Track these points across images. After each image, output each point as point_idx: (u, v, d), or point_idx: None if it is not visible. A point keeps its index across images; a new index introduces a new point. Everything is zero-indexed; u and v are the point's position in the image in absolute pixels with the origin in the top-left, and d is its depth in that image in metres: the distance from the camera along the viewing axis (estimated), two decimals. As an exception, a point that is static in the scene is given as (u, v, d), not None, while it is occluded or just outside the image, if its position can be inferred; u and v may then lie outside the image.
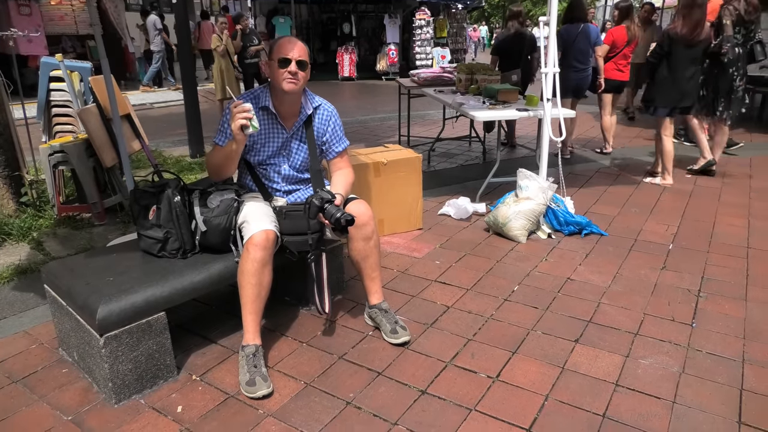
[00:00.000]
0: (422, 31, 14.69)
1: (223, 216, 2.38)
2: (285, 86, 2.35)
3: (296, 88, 2.37)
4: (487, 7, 37.32)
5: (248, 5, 15.15)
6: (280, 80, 2.34)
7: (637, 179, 5.07)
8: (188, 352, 2.44)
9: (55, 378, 2.27)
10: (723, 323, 2.64)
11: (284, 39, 2.40)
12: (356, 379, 2.24)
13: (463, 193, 4.38)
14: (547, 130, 3.86)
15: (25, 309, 2.83)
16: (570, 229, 3.72)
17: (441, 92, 5.25)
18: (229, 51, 7.48)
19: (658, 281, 3.07)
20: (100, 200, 3.96)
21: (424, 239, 3.70)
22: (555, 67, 3.78)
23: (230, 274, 2.34)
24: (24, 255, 3.47)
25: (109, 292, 2.08)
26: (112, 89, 3.48)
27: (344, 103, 10.67)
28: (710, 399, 2.11)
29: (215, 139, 2.45)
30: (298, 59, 2.34)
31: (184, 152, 6.20)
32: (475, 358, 2.38)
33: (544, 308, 2.79)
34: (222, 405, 2.10)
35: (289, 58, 2.33)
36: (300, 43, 2.39)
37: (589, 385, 2.20)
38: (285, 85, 2.34)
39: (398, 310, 2.77)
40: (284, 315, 2.73)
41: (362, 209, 2.45)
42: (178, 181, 2.50)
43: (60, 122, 4.30)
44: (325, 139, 2.58)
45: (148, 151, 4.50)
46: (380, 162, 3.58)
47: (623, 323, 2.65)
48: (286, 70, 2.33)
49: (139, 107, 9.63)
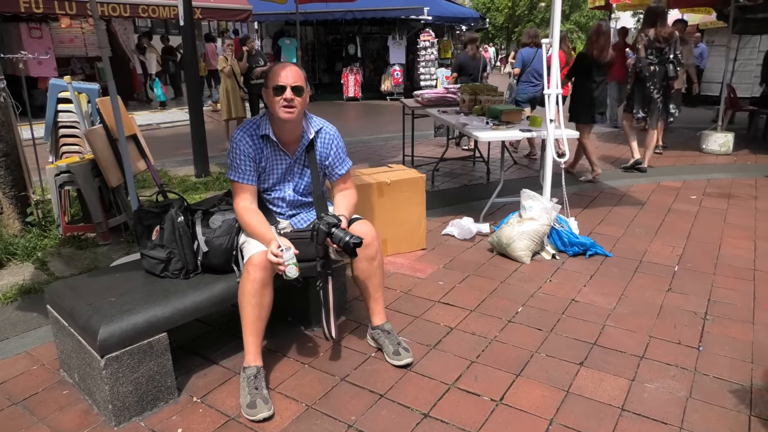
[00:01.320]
0: (427, 52, 14.84)
1: (224, 236, 2.38)
2: (282, 116, 2.31)
3: (293, 117, 2.33)
4: (491, 28, 37.79)
5: (255, 27, 15.39)
6: (277, 109, 2.32)
7: (642, 200, 5.06)
8: (189, 373, 2.42)
9: (55, 400, 2.25)
10: (730, 347, 2.60)
11: (278, 66, 2.36)
12: (358, 402, 2.22)
13: (467, 213, 4.38)
14: (550, 151, 3.87)
15: (28, 329, 2.83)
16: (574, 249, 3.70)
17: (445, 113, 5.28)
18: (235, 72, 7.58)
19: (663, 303, 3.04)
20: (105, 220, 3.98)
21: (428, 259, 3.69)
22: (558, 88, 3.81)
23: (232, 295, 2.34)
24: (28, 275, 3.48)
25: (110, 312, 2.08)
26: (118, 110, 3.52)
27: (349, 124, 10.75)
28: (718, 425, 2.07)
29: (228, 174, 2.42)
30: (293, 85, 2.30)
31: (189, 172, 6.25)
32: (478, 381, 2.35)
33: (549, 330, 2.76)
34: (223, 428, 2.08)
35: (284, 85, 2.29)
36: (295, 68, 2.35)
37: (594, 409, 2.16)
38: (282, 114, 2.31)
39: (401, 331, 2.75)
40: (286, 336, 2.71)
41: (366, 230, 2.45)
42: (182, 201, 2.52)
43: (67, 143, 4.34)
44: (328, 163, 2.57)
45: (154, 171, 4.53)
46: (384, 182, 3.59)
47: (629, 346, 2.61)
48: (282, 97, 2.29)
49: (145, 127, 9.74)
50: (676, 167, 6.48)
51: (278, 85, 2.30)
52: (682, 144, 7.84)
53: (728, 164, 6.63)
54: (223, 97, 7.60)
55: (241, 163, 2.38)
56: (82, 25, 12.09)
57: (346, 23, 15.15)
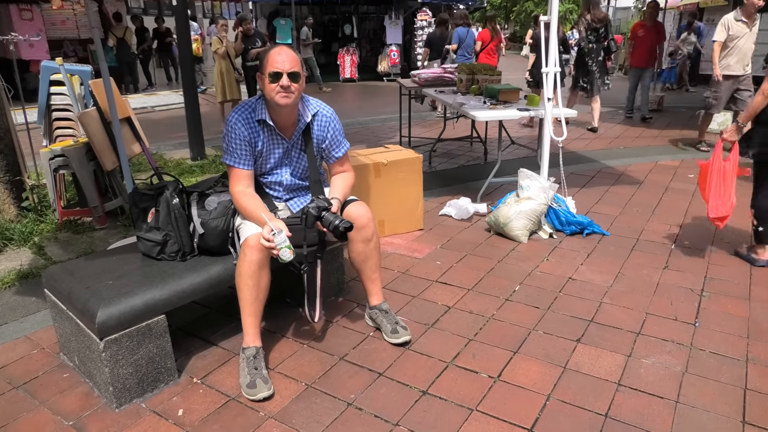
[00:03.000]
0: (424, 32, 14.67)
1: (220, 218, 2.37)
2: (279, 101, 2.27)
3: (291, 102, 2.29)
4: (489, 8, 37.31)
5: (249, 7, 15.16)
6: (274, 95, 2.27)
7: (640, 179, 5.05)
8: (189, 355, 2.43)
9: (56, 383, 2.27)
10: (726, 323, 2.62)
11: (274, 51, 2.29)
12: (357, 380, 2.23)
13: (464, 194, 4.37)
14: (548, 130, 3.84)
15: (27, 314, 2.83)
16: (571, 228, 3.70)
17: (442, 92, 5.24)
18: (230, 53, 7.48)
19: (660, 281, 3.05)
20: (101, 204, 3.96)
21: (425, 240, 3.69)
22: (556, 66, 3.77)
23: (229, 277, 2.34)
24: (25, 260, 3.48)
25: (108, 295, 2.08)
26: (111, 92, 3.49)
27: (345, 105, 10.67)
28: (714, 399, 2.09)
29: (224, 159, 2.39)
30: (289, 71, 2.25)
31: (185, 155, 6.21)
32: (476, 359, 2.36)
33: (546, 308, 2.78)
34: (223, 408, 2.10)
35: (281, 72, 2.25)
36: (291, 53, 2.29)
37: (591, 384, 2.18)
38: (279, 100, 2.27)
39: (399, 310, 2.76)
40: (285, 316, 2.72)
41: (362, 211, 2.44)
42: (177, 183, 2.50)
43: (60, 126, 4.30)
44: (325, 146, 2.53)
45: (149, 154, 4.50)
46: (381, 162, 3.57)
47: (625, 323, 2.63)
48: (278, 84, 2.25)
49: (139, 111, 9.65)
50: (674, 147, 6.46)
51: (274, 71, 2.25)
52: (681, 124, 7.82)
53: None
54: (218, 79, 7.50)
55: (237, 147, 2.35)
56: (74, 6, 11.89)
57: (342, 3, 14.95)
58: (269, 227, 2.15)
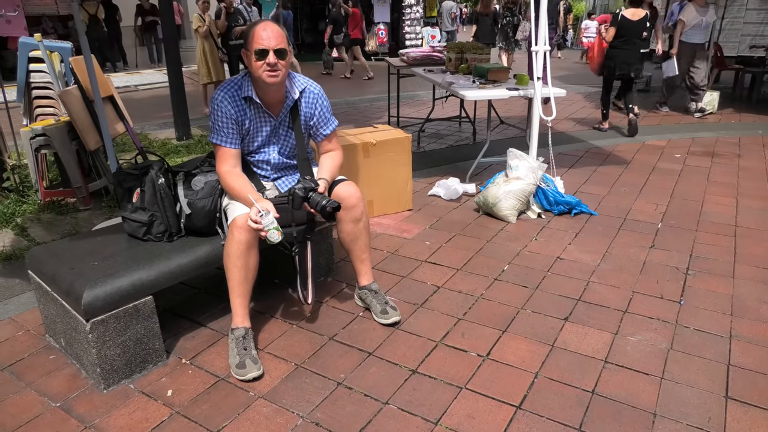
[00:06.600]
0: (412, 10, 14.51)
1: (207, 198, 2.34)
2: (266, 79, 2.22)
3: (278, 80, 2.24)
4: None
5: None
6: (260, 73, 2.22)
7: (627, 159, 5.08)
8: (177, 336, 2.42)
9: (42, 365, 2.24)
10: (711, 300, 2.66)
11: (259, 26, 2.22)
12: (347, 360, 2.24)
13: (453, 174, 4.37)
14: (537, 110, 3.83)
15: (11, 296, 2.79)
16: (560, 208, 3.72)
17: (431, 72, 5.19)
18: (212, 32, 7.23)
19: (647, 260, 3.08)
20: (85, 184, 3.89)
21: (414, 220, 3.69)
22: (546, 45, 3.74)
23: (217, 257, 2.31)
24: (8, 241, 3.42)
25: (94, 276, 2.05)
26: (93, 70, 3.40)
27: (333, 84, 10.55)
28: (698, 374, 2.13)
29: (211, 137, 2.34)
30: (276, 48, 2.19)
31: (170, 135, 6.11)
32: (465, 338, 2.38)
33: (534, 287, 2.80)
34: (212, 388, 2.09)
35: (267, 49, 2.19)
36: (276, 28, 2.23)
37: (578, 362, 2.21)
38: (266, 78, 2.22)
39: (388, 290, 2.76)
40: (274, 297, 2.71)
41: (351, 191, 2.42)
42: (162, 162, 2.45)
43: (41, 105, 4.20)
44: (313, 123, 2.49)
45: (133, 134, 4.42)
46: (369, 142, 3.54)
47: (612, 301, 2.66)
48: (265, 61, 2.19)
49: (123, 89, 9.47)
50: (662, 126, 6.50)
51: (260, 48, 2.19)
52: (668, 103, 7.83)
53: (713, 123, 6.65)
54: (201, 59, 7.14)
55: (224, 125, 2.30)
56: (52, -19, 11.55)
57: (329, -20, 14.66)
58: (256, 209, 2.12)
